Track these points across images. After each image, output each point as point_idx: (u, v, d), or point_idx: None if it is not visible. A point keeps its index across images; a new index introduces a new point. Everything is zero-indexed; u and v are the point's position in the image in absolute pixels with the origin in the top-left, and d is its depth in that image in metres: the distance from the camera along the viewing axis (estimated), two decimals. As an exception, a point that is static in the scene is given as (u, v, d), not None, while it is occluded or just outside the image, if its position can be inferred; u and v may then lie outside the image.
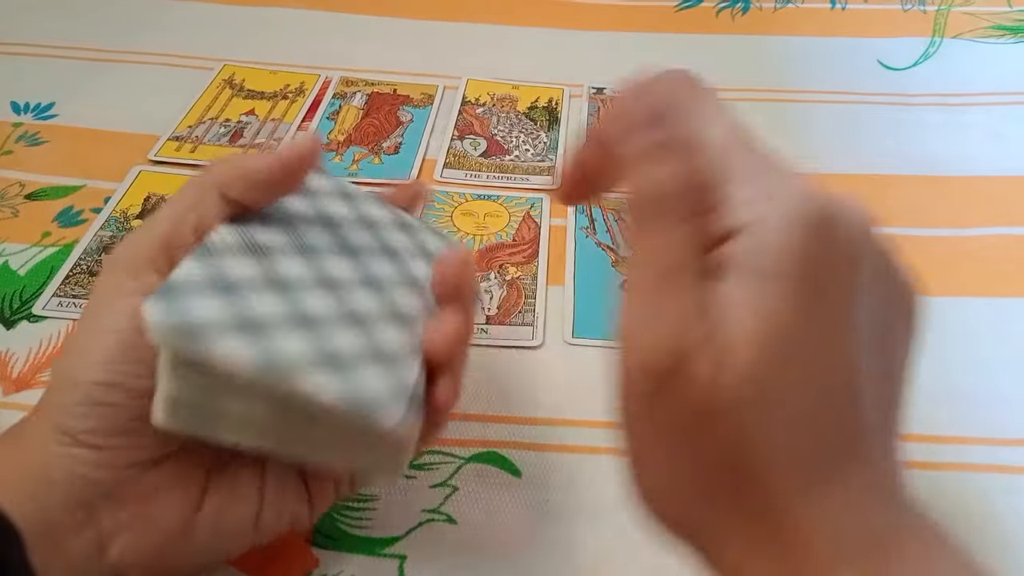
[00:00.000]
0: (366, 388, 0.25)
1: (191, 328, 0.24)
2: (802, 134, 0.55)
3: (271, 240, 0.28)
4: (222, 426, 0.25)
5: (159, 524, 0.27)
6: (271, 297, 0.26)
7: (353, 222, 0.31)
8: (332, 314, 0.27)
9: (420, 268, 0.31)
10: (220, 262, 0.26)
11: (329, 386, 0.24)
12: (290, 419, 0.25)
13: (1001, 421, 0.38)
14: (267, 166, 0.28)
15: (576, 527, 0.33)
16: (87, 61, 0.60)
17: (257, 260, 0.27)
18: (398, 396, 0.25)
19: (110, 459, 0.26)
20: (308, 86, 0.59)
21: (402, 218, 0.33)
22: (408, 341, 0.28)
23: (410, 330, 0.28)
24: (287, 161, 0.29)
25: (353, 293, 0.28)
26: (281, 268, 0.27)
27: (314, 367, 0.24)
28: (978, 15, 0.67)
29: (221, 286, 0.25)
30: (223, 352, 0.23)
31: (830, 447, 0.20)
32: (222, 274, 0.26)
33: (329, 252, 0.29)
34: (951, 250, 0.47)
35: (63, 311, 0.42)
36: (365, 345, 0.26)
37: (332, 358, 0.25)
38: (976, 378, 0.40)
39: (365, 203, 0.32)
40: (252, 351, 0.24)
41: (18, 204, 0.48)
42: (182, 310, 0.24)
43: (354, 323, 0.27)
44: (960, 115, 0.57)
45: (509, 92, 0.59)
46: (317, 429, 0.25)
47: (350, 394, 0.24)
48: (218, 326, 0.24)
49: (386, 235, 0.32)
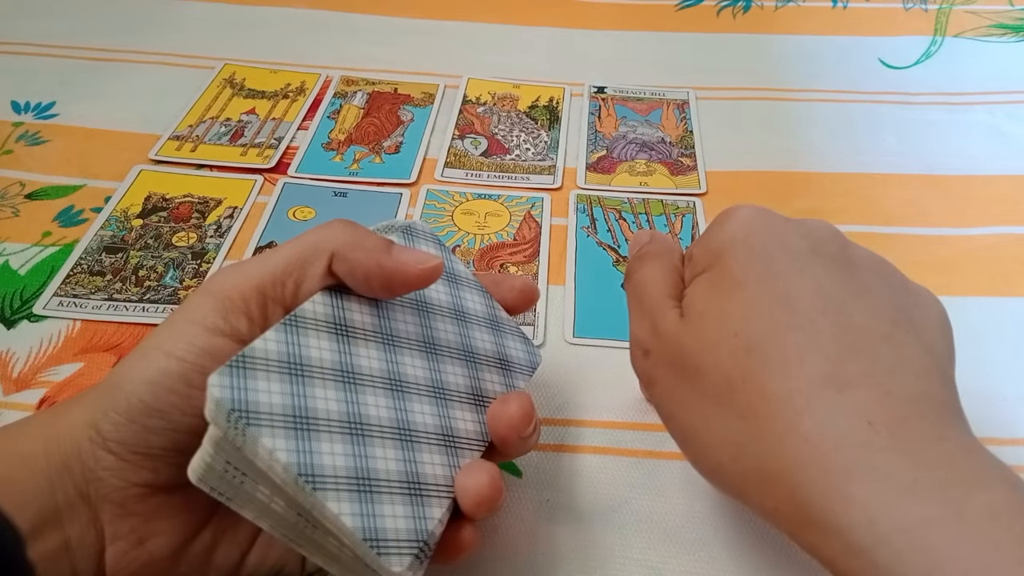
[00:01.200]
0: (386, 527, 0.25)
1: (246, 414, 0.24)
2: (803, 133, 0.55)
3: (360, 320, 0.28)
4: (246, 504, 0.25)
5: (149, 546, 0.27)
6: (335, 391, 0.26)
7: (447, 312, 0.31)
8: (385, 424, 0.27)
9: (492, 381, 0.31)
10: (303, 339, 0.26)
11: (352, 512, 0.24)
12: (308, 524, 0.26)
13: (1002, 421, 0.38)
14: (379, 269, 0.28)
15: (576, 527, 0.33)
16: (88, 61, 0.61)
17: (339, 343, 0.27)
18: (414, 543, 0.25)
19: (128, 473, 0.26)
20: (309, 85, 0.59)
21: (495, 314, 0.33)
22: (448, 475, 0.28)
23: (455, 460, 0.28)
24: (397, 275, 0.28)
25: (415, 401, 0.28)
26: (357, 357, 0.27)
27: (345, 487, 0.25)
28: (980, 14, 0.67)
29: (292, 368, 0.25)
30: (266, 449, 0.24)
31: None
32: (299, 354, 0.26)
33: (410, 345, 0.29)
34: (952, 250, 0.47)
35: (63, 311, 0.42)
36: (403, 472, 0.26)
37: (365, 482, 0.25)
38: (977, 378, 0.39)
39: (465, 290, 0.33)
40: (294, 453, 0.24)
41: (19, 203, 0.48)
42: (245, 391, 0.24)
43: (403, 439, 0.27)
44: (961, 114, 0.57)
45: (510, 91, 0.59)
46: (329, 542, 0.26)
47: (369, 528, 0.25)
48: (271, 419, 0.24)
49: (473, 334, 0.32)
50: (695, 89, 0.59)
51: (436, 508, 0.27)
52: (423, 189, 0.50)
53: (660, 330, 0.29)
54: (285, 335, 0.26)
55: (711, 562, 0.32)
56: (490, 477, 0.27)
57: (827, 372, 0.24)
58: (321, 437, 0.25)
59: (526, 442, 0.30)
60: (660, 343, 0.29)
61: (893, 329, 0.26)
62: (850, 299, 0.26)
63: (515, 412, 0.29)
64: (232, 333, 0.26)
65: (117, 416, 0.26)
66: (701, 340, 0.27)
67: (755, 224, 0.28)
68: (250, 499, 0.25)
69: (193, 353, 0.26)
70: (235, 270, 0.28)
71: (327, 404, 0.26)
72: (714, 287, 0.28)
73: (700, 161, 0.53)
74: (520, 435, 0.29)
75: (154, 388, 0.26)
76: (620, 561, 0.32)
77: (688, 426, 0.28)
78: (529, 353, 0.34)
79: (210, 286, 0.27)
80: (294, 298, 0.28)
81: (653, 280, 0.30)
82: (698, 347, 0.27)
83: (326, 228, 0.29)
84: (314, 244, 0.28)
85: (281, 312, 0.27)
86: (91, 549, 0.26)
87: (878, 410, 0.23)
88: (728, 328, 0.26)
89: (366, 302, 0.29)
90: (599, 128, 0.56)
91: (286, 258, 0.28)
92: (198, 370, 0.25)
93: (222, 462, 0.24)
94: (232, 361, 0.24)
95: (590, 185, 0.51)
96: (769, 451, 0.24)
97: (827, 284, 0.26)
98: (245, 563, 0.29)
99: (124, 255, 0.45)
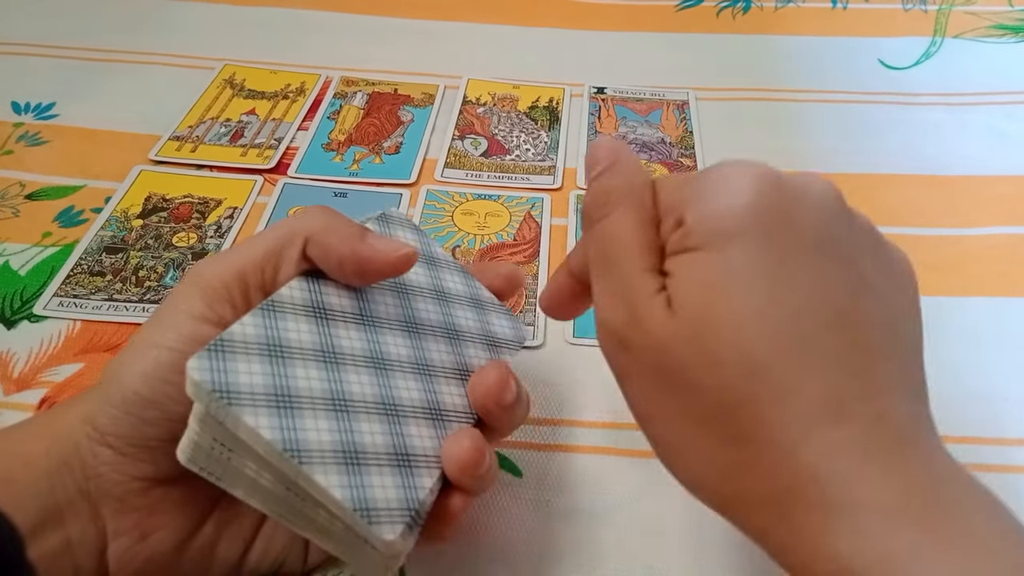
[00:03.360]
0: (375, 496, 0.25)
1: (226, 394, 0.24)
2: (803, 134, 0.55)
3: (338, 303, 0.29)
4: (235, 481, 0.26)
5: (152, 541, 0.27)
6: (316, 371, 0.26)
7: (427, 292, 0.32)
8: (370, 400, 0.27)
9: (477, 357, 0.31)
10: (280, 323, 0.27)
11: (340, 484, 0.25)
12: (297, 498, 0.26)
13: (1002, 420, 0.38)
14: (352, 255, 0.28)
15: (576, 527, 0.33)
16: (87, 61, 0.61)
17: (317, 325, 0.27)
18: (404, 511, 0.26)
19: (127, 466, 0.26)
20: (309, 86, 0.59)
21: (477, 294, 0.33)
22: (436, 446, 0.28)
23: (443, 432, 0.28)
24: (370, 263, 0.28)
25: (399, 378, 0.28)
26: (337, 338, 0.28)
27: (332, 460, 0.25)
28: (979, 15, 0.67)
29: (272, 350, 0.26)
30: (250, 425, 0.24)
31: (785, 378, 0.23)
32: (277, 336, 0.26)
33: (391, 326, 0.30)
34: (952, 250, 0.47)
35: (64, 311, 0.42)
36: (390, 444, 0.27)
37: (352, 454, 0.25)
38: (977, 378, 0.40)
39: (446, 271, 0.33)
40: (277, 430, 0.24)
41: (19, 204, 0.48)
42: (225, 373, 0.24)
43: (388, 414, 0.27)
44: (961, 115, 0.57)
45: (510, 92, 0.59)
46: (319, 515, 0.26)
47: (359, 498, 0.25)
48: (254, 396, 0.24)
49: (455, 312, 0.32)
50: (695, 89, 0.59)
51: (426, 479, 0.27)
52: (423, 189, 0.50)
53: (644, 325, 0.24)
54: (263, 319, 0.26)
55: (711, 562, 0.32)
56: (472, 442, 0.27)
57: (826, 399, 0.23)
58: (305, 414, 0.25)
59: (509, 412, 0.30)
60: (643, 340, 0.24)
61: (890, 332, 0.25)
62: (852, 305, 0.24)
63: (491, 379, 0.29)
64: (218, 320, 0.27)
65: (113, 410, 0.26)
66: (699, 354, 0.23)
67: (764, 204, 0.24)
68: (239, 476, 0.25)
69: (182, 342, 0.26)
70: (217, 259, 0.28)
71: (309, 383, 0.26)
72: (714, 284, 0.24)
73: (700, 161, 0.53)
74: (498, 402, 0.29)
75: (148, 379, 0.26)
76: (620, 561, 0.32)
77: (669, 438, 0.25)
78: (515, 328, 0.34)
79: (193, 276, 0.28)
80: (273, 284, 0.28)
81: (627, 240, 0.25)
82: (694, 361, 0.23)
83: (303, 214, 0.29)
84: (290, 230, 0.29)
85: (262, 298, 0.28)
86: (93, 546, 0.26)
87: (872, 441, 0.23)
88: (733, 348, 0.23)
89: (344, 286, 0.29)
90: (599, 128, 0.56)
91: (264, 245, 0.28)
92: (187, 358, 0.25)
93: (208, 439, 0.25)
94: (210, 345, 0.25)
95: (590, 185, 0.51)
96: (760, 479, 0.23)
97: (832, 288, 0.24)
98: (247, 557, 0.29)
99: (124, 255, 0.45)
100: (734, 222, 0.24)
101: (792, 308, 0.23)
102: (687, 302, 0.24)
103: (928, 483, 0.23)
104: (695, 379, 0.23)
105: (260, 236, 0.29)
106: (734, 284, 0.24)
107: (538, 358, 0.40)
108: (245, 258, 0.28)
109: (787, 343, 0.23)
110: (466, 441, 0.27)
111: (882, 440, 0.23)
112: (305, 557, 0.30)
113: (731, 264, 0.24)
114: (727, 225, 0.24)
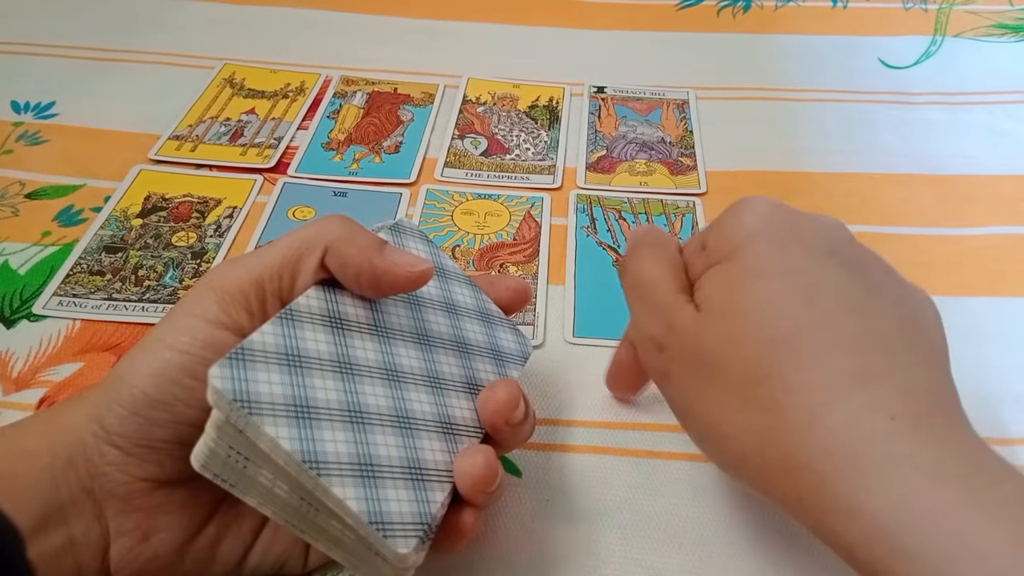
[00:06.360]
0: (391, 510, 0.25)
1: (247, 404, 0.24)
2: (803, 133, 0.55)
3: (354, 314, 0.29)
4: (250, 490, 0.26)
5: (154, 542, 0.27)
6: (333, 382, 0.26)
7: (438, 305, 0.32)
8: (384, 412, 0.27)
9: (486, 371, 0.32)
10: (299, 332, 0.27)
11: (357, 496, 0.25)
12: (311, 508, 0.26)
13: (1002, 421, 0.38)
14: (370, 268, 0.28)
15: (576, 527, 0.33)
16: (87, 61, 0.61)
17: (334, 335, 0.28)
18: (418, 525, 0.26)
19: (132, 467, 0.26)
20: (308, 85, 0.59)
21: (485, 307, 0.34)
22: (447, 460, 0.28)
23: (453, 446, 0.29)
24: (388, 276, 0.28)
25: (412, 391, 0.29)
26: (353, 348, 0.28)
27: (349, 472, 0.25)
28: (979, 14, 0.67)
29: (291, 360, 0.26)
30: (270, 435, 0.24)
31: None
32: (296, 346, 0.26)
33: (403, 337, 0.30)
34: (952, 249, 0.47)
35: (63, 310, 0.42)
36: (404, 457, 0.27)
37: (368, 467, 0.26)
38: (976, 378, 0.40)
39: (455, 284, 0.33)
40: (296, 440, 0.24)
41: (18, 203, 0.48)
42: (246, 382, 0.24)
43: (402, 427, 0.27)
44: (961, 114, 0.57)
45: (510, 91, 0.59)
46: (332, 525, 0.26)
47: (374, 511, 0.25)
48: (274, 406, 0.25)
49: (464, 325, 0.32)
50: (695, 89, 0.59)
51: (438, 492, 0.27)
52: (423, 189, 0.50)
53: (677, 326, 0.28)
54: (282, 328, 0.26)
55: (711, 562, 0.32)
56: (485, 459, 0.28)
57: (852, 367, 0.25)
58: (323, 425, 0.25)
59: (517, 430, 0.30)
60: (677, 339, 0.28)
61: (907, 329, 0.27)
62: (867, 300, 0.27)
63: (502, 397, 0.29)
64: (233, 326, 0.27)
65: (121, 410, 0.26)
66: (724, 336, 0.27)
67: (773, 218, 0.28)
68: (253, 484, 0.25)
69: (195, 346, 0.26)
70: (234, 264, 0.28)
71: (327, 394, 0.26)
72: (733, 280, 0.28)
73: (700, 161, 0.53)
74: (507, 420, 0.29)
75: (157, 380, 0.26)
76: (620, 561, 0.32)
77: (708, 420, 0.28)
78: (520, 344, 0.34)
79: (210, 280, 0.28)
80: (290, 291, 0.28)
81: (657, 274, 0.30)
82: (721, 343, 0.27)
83: (322, 222, 0.29)
84: (309, 238, 0.28)
85: (279, 305, 0.28)
86: (95, 546, 0.26)
87: (900, 405, 0.24)
88: (753, 323, 0.26)
89: (358, 296, 0.29)
90: (599, 128, 0.56)
91: (282, 252, 0.28)
92: (201, 362, 0.26)
93: (225, 447, 0.25)
94: (231, 353, 0.25)
95: (590, 185, 0.51)
96: (794, 442, 0.25)
97: (846, 285, 0.27)
98: (249, 558, 0.29)
99: (124, 255, 0.45)
100: (745, 232, 0.28)
101: (806, 291, 0.26)
102: (711, 299, 0.28)
103: (966, 449, 0.24)
104: (725, 359, 0.27)
105: (278, 243, 0.29)
106: (749, 276, 0.27)
107: (538, 358, 0.40)
108: (263, 264, 0.28)
109: (805, 322, 0.26)
110: (479, 458, 0.28)
111: (915, 406, 0.24)
112: (305, 558, 0.30)
113: (746, 263, 0.28)
114: (741, 237, 0.28)
